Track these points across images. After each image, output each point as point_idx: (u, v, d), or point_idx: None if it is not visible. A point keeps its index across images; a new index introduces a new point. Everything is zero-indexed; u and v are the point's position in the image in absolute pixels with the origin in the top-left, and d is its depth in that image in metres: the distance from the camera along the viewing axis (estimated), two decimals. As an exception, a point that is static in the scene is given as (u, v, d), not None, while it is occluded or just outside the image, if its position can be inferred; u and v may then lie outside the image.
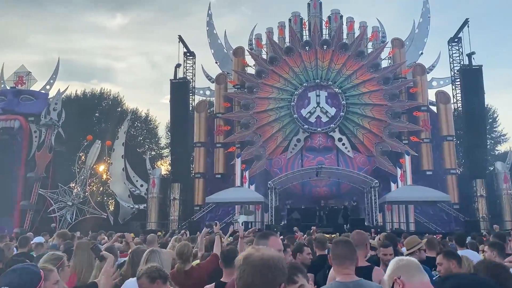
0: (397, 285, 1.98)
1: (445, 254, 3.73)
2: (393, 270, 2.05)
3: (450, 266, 3.52)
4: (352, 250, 2.90)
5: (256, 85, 27.36)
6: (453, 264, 3.54)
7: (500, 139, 41.09)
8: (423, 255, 4.82)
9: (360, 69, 26.57)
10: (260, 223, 23.92)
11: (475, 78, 25.55)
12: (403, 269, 2.03)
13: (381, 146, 25.55)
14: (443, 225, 23.03)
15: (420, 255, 4.71)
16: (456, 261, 3.60)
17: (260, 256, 1.64)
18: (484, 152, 26.22)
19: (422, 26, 28.46)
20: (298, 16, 29.00)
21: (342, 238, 3.22)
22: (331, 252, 3.01)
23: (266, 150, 26.49)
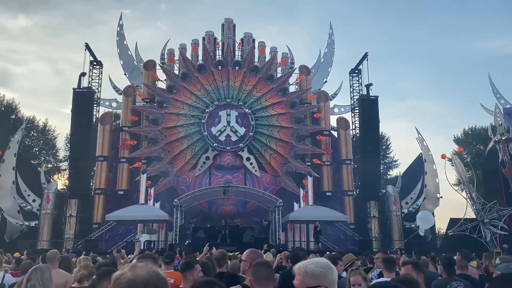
0: None
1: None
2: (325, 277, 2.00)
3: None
4: (272, 272, 2.93)
5: (167, 100, 26.90)
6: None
7: (392, 164, 45.04)
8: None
9: (269, 92, 27.51)
10: (163, 242, 23.23)
11: (371, 108, 27.84)
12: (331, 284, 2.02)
13: (286, 167, 26.52)
14: (340, 244, 24.36)
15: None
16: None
17: (128, 277, 1.45)
18: (378, 176, 28.51)
19: (327, 56, 30.45)
20: (212, 35, 29.31)
21: (262, 261, 3.21)
22: (252, 275, 3.00)
23: (174, 167, 25.99)
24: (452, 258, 5.31)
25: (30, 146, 37.61)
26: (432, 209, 27.53)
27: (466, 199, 25.56)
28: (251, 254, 3.53)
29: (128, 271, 1.48)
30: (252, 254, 3.54)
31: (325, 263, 2.07)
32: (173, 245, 20.09)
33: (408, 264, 3.69)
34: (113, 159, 26.74)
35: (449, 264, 4.91)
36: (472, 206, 25.11)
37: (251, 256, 3.52)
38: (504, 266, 4.17)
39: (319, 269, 2.01)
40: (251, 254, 3.53)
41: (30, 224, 24.75)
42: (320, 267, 2.02)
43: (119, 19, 29.39)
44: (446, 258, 5.18)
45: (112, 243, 23.46)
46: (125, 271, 1.48)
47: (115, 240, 24.01)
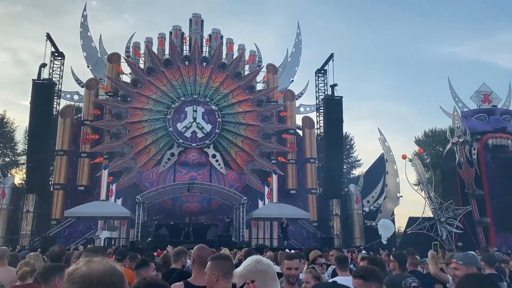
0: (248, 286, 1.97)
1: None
2: (249, 272, 2.03)
3: None
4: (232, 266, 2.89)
5: (131, 94, 26.35)
6: None
7: (355, 164, 45.99)
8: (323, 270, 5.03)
9: (236, 89, 27.45)
10: (124, 239, 22.80)
11: (336, 108, 28.29)
12: (259, 274, 2.02)
13: (252, 164, 26.57)
14: (302, 241, 24.67)
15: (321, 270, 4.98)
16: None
17: (83, 272, 1.38)
18: (341, 175, 29.04)
19: (294, 55, 30.69)
20: (179, 30, 28.93)
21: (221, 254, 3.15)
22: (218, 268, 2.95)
23: (137, 163, 25.51)
24: (404, 255, 5.48)
25: (-15, 138, 35.93)
26: (393, 208, 28.35)
27: (424, 199, 26.42)
28: (196, 251, 3.44)
29: (83, 265, 1.41)
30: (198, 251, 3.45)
31: (251, 259, 2.10)
32: (134, 242, 19.73)
33: (365, 259, 3.77)
34: (74, 154, 25.95)
35: (402, 261, 5.07)
36: (430, 206, 25.99)
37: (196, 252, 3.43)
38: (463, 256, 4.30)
39: (244, 266, 2.06)
40: (196, 251, 3.44)
41: (-17, 220, 23.66)
42: (245, 265, 2.07)
43: (83, 10, 28.52)
44: (399, 255, 5.33)
45: (71, 240, 22.76)
46: (79, 266, 1.41)
47: (74, 237, 23.34)
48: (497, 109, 28.55)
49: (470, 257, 4.11)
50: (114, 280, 1.39)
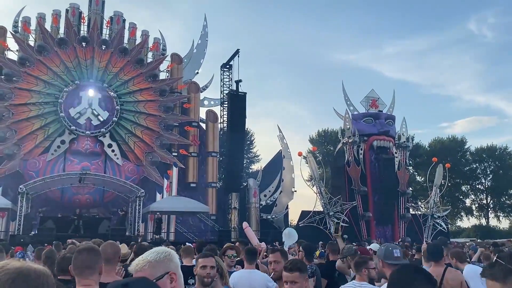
0: (169, 278, 1.85)
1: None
2: (169, 261, 1.89)
3: None
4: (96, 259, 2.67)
5: (17, 73, 23.78)
6: None
7: (254, 159, 47.33)
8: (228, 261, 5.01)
9: (137, 76, 26.32)
10: (4, 232, 20.60)
11: (239, 103, 28.66)
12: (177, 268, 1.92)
13: (151, 156, 25.75)
14: (200, 234, 24.65)
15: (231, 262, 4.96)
16: None
17: (18, 266, 1.29)
18: (241, 169, 29.60)
19: (200, 47, 30.40)
20: (77, 8, 26.81)
21: (86, 246, 2.92)
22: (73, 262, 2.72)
23: (22, 149, 23.14)
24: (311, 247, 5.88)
25: None
26: (287, 202, 29.75)
27: (316, 194, 28.20)
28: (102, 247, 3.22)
29: (11, 261, 1.33)
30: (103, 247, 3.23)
31: (164, 249, 1.99)
32: (15, 235, 17.95)
33: (277, 251, 3.86)
34: None
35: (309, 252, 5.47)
36: (321, 200, 27.81)
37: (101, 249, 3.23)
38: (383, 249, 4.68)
39: (163, 256, 1.91)
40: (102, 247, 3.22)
41: None
42: (163, 253, 1.92)
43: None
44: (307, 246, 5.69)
45: None
46: (8, 261, 1.33)
47: None
48: (382, 114, 31.49)
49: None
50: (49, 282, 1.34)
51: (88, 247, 2.81)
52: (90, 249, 2.76)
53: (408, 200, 31.90)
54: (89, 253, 2.66)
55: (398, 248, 3.36)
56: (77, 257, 2.68)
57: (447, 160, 40.27)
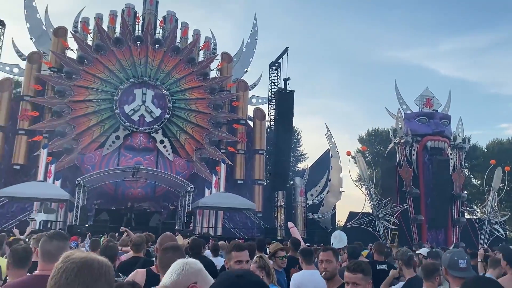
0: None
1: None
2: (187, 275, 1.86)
3: None
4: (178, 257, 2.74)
5: (76, 72, 25.05)
6: None
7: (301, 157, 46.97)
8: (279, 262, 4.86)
9: (189, 75, 26.92)
10: (62, 223, 21.81)
11: (287, 101, 28.56)
12: (197, 274, 1.90)
13: (201, 152, 26.27)
14: (246, 231, 24.86)
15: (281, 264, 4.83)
16: None
17: (83, 256, 1.40)
18: (287, 168, 29.49)
19: (250, 46, 30.57)
20: (132, 8, 27.82)
21: (171, 245, 3.02)
22: (159, 260, 2.82)
23: (79, 144, 24.37)
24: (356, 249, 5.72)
25: None
26: (335, 202, 29.30)
27: (365, 195, 27.55)
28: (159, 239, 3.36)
29: (78, 252, 1.44)
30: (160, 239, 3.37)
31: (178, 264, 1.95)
32: (72, 226, 18.91)
33: (329, 250, 3.78)
34: (10, 130, 24.30)
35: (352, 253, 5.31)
36: (370, 202, 27.13)
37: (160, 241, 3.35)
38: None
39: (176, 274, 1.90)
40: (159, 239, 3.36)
41: None
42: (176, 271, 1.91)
43: (28, -23, 26.57)
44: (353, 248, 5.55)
45: (2, 221, 21.40)
46: (75, 251, 1.45)
47: (7, 218, 21.92)
48: (437, 113, 30.18)
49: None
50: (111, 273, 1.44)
51: (173, 246, 2.89)
52: (175, 248, 2.84)
53: (463, 204, 30.39)
54: (174, 253, 2.73)
55: (465, 257, 3.09)
56: (163, 255, 2.76)
57: (506, 163, 37.90)
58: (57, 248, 2.49)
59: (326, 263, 3.61)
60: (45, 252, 2.51)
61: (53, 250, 2.50)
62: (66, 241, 2.61)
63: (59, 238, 2.60)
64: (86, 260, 1.39)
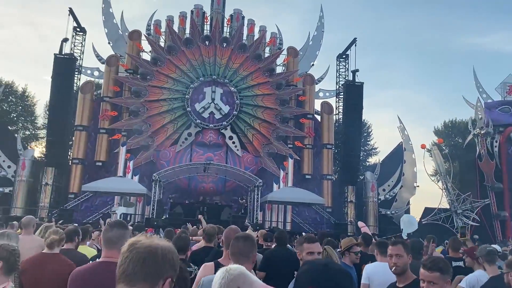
0: None
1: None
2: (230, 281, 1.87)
3: None
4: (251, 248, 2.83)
5: (151, 73, 26.38)
6: None
7: (372, 152, 45.61)
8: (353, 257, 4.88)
9: (256, 71, 27.23)
10: (140, 215, 23.14)
11: (356, 94, 27.85)
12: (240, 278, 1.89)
13: (268, 148, 26.52)
14: (315, 226, 24.68)
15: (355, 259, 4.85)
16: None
17: (148, 244, 1.49)
18: (357, 162, 28.78)
19: (316, 39, 30.19)
20: (200, 9, 28.68)
21: (243, 234, 3.13)
22: (230, 247, 2.93)
23: (155, 141, 25.69)
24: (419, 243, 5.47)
25: (8, 111, 36.60)
26: (409, 197, 28.11)
27: (441, 190, 26.14)
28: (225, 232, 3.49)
29: (146, 239, 1.52)
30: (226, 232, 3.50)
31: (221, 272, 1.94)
32: (150, 219, 20.00)
33: (399, 244, 3.67)
34: (93, 129, 26.24)
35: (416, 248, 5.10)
36: (447, 197, 25.69)
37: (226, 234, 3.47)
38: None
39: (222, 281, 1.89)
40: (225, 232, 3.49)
41: (4, 190, 24.27)
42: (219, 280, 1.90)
43: (106, -14, 28.42)
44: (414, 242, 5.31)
45: (87, 214, 23.22)
46: (142, 238, 1.53)
47: (91, 211, 23.76)
48: (522, 102, 27.79)
49: None
50: (174, 258, 1.53)
51: (245, 236, 2.97)
52: (246, 238, 2.91)
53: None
54: (245, 242, 2.81)
55: None
56: (234, 244, 2.84)
57: None
58: (117, 236, 2.67)
59: (396, 257, 3.47)
60: (107, 239, 2.71)
61: (114, 237, 2.67)
62: (126, 229, 2.80)
63: (119, 226, 2.77)
64: (150, 248, 1.48)
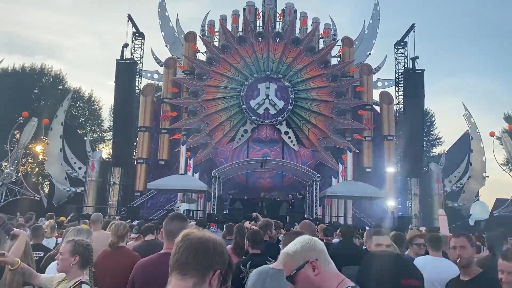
0: (310, 267, 1.83)
1: None
2: (309, 250, 1.87)
3: None
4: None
5: (206, 72, 26.96)
6: None
7: (436, 142, 43.56)
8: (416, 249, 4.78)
9: (310, 64, 26.92)
10: (202, 211, 23.77)
11: (417, 82, 26.69)
12: (320, 253, 1.88)
13: (325, 141, 26.14)
14: (378, 220, 23.95)
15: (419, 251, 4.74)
16: None
17: (200, 236, 1.57)
18: (420, 153, 27.59)
19: (372, 27, 29.28)
20: (252, 6, 28.84)
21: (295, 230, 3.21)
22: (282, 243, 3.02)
23: (213, 139, 26.25)
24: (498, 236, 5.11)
25: (76, 116, 39.14)
26: (477, 188, 26.53)
27: (515, 180, 24.34)
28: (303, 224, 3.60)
29: (198, 231, 1.60)
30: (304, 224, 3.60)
31: (303, 238, 1.94)
32: (211, 214, 20.48)
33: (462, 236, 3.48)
34: (155, 130, 27.32)
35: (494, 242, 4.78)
36: (522, 187, 23.91)
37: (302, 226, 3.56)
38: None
39: (300, 246, 1.89)
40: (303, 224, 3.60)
41: (76, 190, 25.97)
42: (301, 243, 1.90)
43: (161, -10, 29.41)
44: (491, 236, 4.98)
45: (153, 211, 24.28)
46: (194, 230, 1.61)
47: (156, 208, 24.82)
48: None
49: None
50: (224, 251, 1.59)
51: (296, 231, 3.04)
52: (297, 233, 2.96)
53: None
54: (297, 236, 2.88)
55: None
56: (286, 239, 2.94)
57: None
58: (178, 228, 2.80)
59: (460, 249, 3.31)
60: (168, 231, 2.87)
61: (174, 229, 2.83)
62: (185, 221, 2.95)
63: (179, 219, 2.96)
64: (202, 240, 1.55)
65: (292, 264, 1.86)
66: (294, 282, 1.84)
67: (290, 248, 1.91)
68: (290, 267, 1.86)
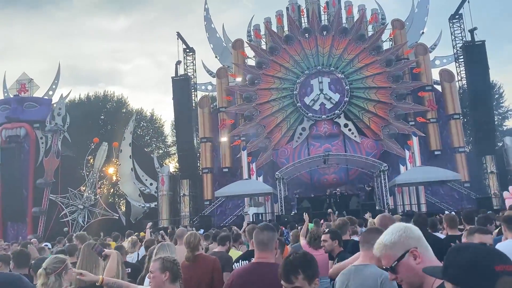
0: (412, 256, 1.78)
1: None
2: (407, 238, 1.82)
3: None
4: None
5: (258, 77, 27.21)
6: None
7: (507, 114, 40.62)
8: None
9: (361, 52, 26.29)
10: (270, 214, 23.95)
11: (478, 54, 25.16)
12: (418, 241, 1.82)
13: (388, 129, 25.35)
14: (454, 204, 22.87)
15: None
16: None
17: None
18: (492, 128, 25.92)
19: (422, 5, 28.03)
20: (295, 3, 28.71)
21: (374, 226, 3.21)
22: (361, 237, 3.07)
23: (271, 141, 26.40)
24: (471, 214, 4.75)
25: (141, 135, 41.07)
26: None
27: None
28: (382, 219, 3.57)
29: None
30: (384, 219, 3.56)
31: (398, 226, 1.87)
32: (280, 216, 20.61)
33: None
34: (215, 139, 28.00)
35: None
36: None
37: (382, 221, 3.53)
38: None
39: (397, 235, 1.81)
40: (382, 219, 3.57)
41: (150, 205, 27.28)
42: (397, 232, 1.83)
43: (205, 4, 30.16)
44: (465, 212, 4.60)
45: (223, 217, 24.88)
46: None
47: (226, 215, 25.41)
48: None
49: None
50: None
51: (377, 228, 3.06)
52: (378, 230, 2.98)
53: None
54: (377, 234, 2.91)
55: None
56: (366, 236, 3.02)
57: None
58: (268, 238, 2.94)
59: None
60: (259, 241, 2.97)
61: (265, 239, 2.94)
62: (274, 231, 3.03)
63: (269, 229, 3.05)
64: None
65: (391, 255, 1.80)
66: (396, 272, 1.79)
67: (386, 238, 1.85)
68: (390, 258, 1.80)
